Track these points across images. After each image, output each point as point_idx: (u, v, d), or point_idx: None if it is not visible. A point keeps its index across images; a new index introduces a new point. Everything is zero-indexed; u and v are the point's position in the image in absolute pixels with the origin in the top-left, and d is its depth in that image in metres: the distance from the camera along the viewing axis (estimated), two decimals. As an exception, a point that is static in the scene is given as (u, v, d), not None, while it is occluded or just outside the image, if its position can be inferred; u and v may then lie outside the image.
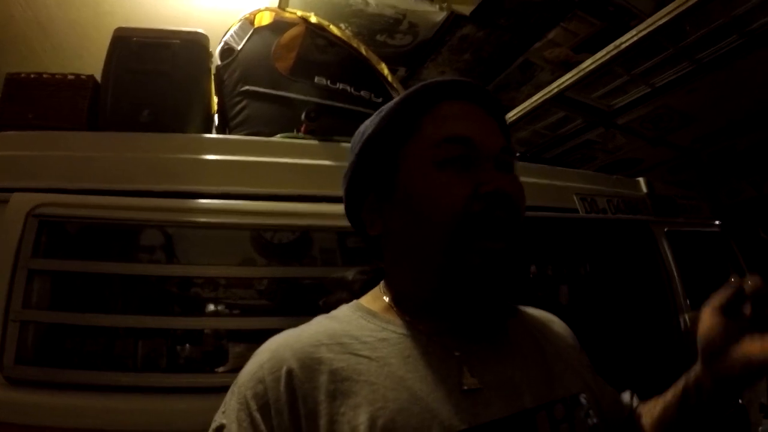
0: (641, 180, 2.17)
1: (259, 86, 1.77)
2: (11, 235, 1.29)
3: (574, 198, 1.88)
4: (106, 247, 1.40)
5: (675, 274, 2.02)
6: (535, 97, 2.23)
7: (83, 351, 1.28)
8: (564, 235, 1.82)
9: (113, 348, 1.31)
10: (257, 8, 1.91)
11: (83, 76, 1.67)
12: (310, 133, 1.65)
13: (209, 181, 1.45)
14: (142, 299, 1.38)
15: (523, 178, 1.82)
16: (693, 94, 2.37)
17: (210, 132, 1.82)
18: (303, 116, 1.61)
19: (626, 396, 0.84)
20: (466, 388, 0.62)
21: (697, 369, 0.65)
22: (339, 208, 0.84)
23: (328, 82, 1.85)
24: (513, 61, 2.52)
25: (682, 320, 1.94)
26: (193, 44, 1.70)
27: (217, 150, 1.52)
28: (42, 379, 1.21)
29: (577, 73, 2.06)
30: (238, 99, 1.76)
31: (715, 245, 2.38)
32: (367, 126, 0.77)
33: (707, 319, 0.62)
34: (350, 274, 0.86)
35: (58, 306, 1.33)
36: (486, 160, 0.67)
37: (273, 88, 1.78)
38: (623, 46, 1.97)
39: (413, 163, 0.68)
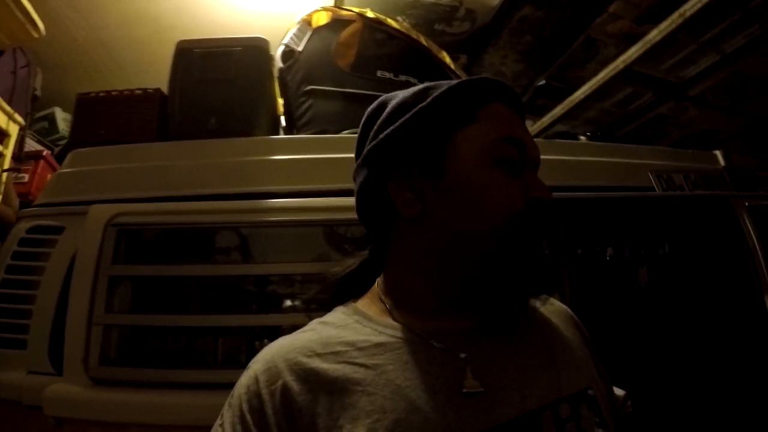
0: (718, 153, 2.03)
1: (323, 85, 1.77)
2: (92, 244, 1.34)
3: (650, 175, 1.79)
4: (184, 251, 1.43)
5: (759, 251, 1.90)
6: (600, 74, 2.12)
7: (165, 350, 1.32)
8: (640, 214, 1.73)
9: (194, 346, 1.33)
10: (314, 9, 1.91)
11: (150, 90, 1.74)
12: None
13: (278, 181, 1.46)
14: (221, 298, 1.41)
15: (594, 158, 1.75)
16: (766, 58, 2.21)
17: (278, 133, 1.83)
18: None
19: (619, 391, 0.81)
20: (465, 390, 0.59)
21: None
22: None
23: (391, 75, 1.83)
24: (575, 39, 2.43)
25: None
26: (255, 49, 1.73)
27: (285, 150, 1.54)
28: (124, 379, 1.26)
29: (643, 46, 1.94)
30: (302, 99, 1.77)
31: None
32: (403, 100, 0.72)
33: None
34: (338, 269, 0.81)
35: (141, 308, 1.37)
36: (531, 167, 0.69)
37: (336, 86, 1.78)
38: (688, 14, 1.84)
39: (469, 153, 0.66)
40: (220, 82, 1.66)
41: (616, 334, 1.39)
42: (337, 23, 1.89)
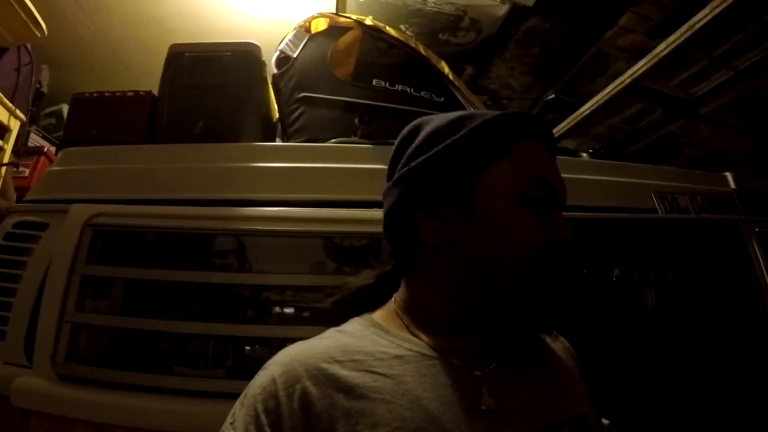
0: (728, 175, 1.93)
1: (316, 92, 1.75)
2: (68, 242, 1.36)
3: (653, 197, 1.71)
4: (170, 255, 1.43)
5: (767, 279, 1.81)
6: (607, 89, 2.06)
7: (154, 351, 1.32)
8: (641, 237, 1.66)
9: (185, 348, 1.33)
10: (312, 15, 1.89)
11: (142, 93, 1.74)
12: (367, 137, 1.60)
13: (259, 188, 1.44)
14: (211, 304, 1.39)
15: (593, 176, 1.68)
16: None
17: (272, 140, 1.81)
18: (356, 120, 1.57)
19: (605, 421, 0.84)
20: (483, 408, 0.61)
21: None
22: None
23: (387, 85, 1.79)
24: (585, 52, 2.36)
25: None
26: (245, 55, 1.70)
27: (268, 157, 1.51)
28: (90, 377, 1.27)
29: (651, 60, 1.88)
30: (295, 106, 1.75)
31: None
32: (438, 127, 0.74)
33: None
34: (355, 280, 0.83)
35: (133, 309, 1.37)
36: (557, 206, 0.70)
37: (330, 94, 1.75)
38: (697, 26, 1.77)
39: (497, 189, 0.68)
40: (209, 87, 1.64)
41: (617, 355, 1.38)
42: (334, 30, 1.86)
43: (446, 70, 1.88)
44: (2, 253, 1.45)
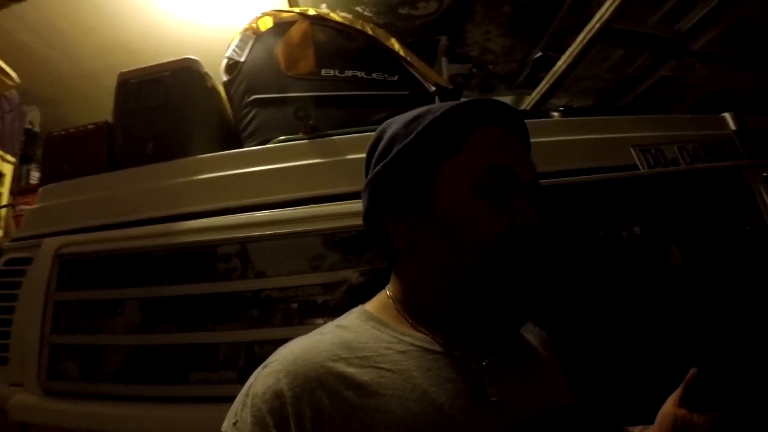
0: (727, 116, 1.73)
1: (266, 93, 1.73)
2: (41, 273, 1.49)
3: (632, 151, 1.57)
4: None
5: None
6: (577, 39, 1.91)
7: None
8: (619, 196, 1.52)
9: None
10: (256, 16, 1.86)
11: (100, 123, 1.77)
12: (313, 130, 1.55)
13: (204, 199, 1.48)
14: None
15: (560, 137, 1.57)
16: None
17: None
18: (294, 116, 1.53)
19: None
20: (493, 399, 0.63)
21: None
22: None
23: (336, 72, 1.75)
24: (561, 3, 2.22)
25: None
26: (183, 71, 1.72)
27: (212, 168, 1.53)
28: (71, 391, 1.40)
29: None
30: (246, 110, 1.74)
31: None
32: (396, 131, 0.75)
33: (670, 406, 0.76)
34: (353, 276, 0.86)
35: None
36: (521, 191, 0.69)
37: (280, 92, 1.72)
38: None
39: (454, 184, 0.69)
40: (153, 109, 1.68)
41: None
42: (280, 27, 1.83)
43: (396, 47, 1.81)
44: (-1, 288, 1.57)
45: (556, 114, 1.78)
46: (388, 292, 0.76)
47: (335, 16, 1.83)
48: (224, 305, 1.39)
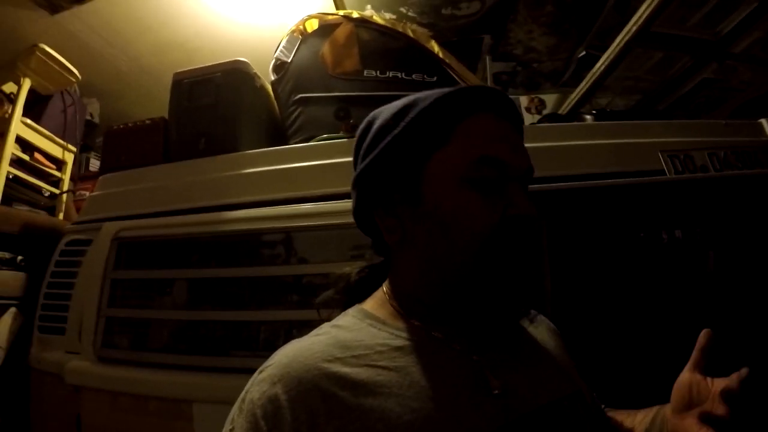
0: (765, 122, 1.69)
1: (311, 92, 1.81)
2: (101, 254, 1.64)
3: (660, 156, 1.57)
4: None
5: None
6: (615, 42, 1.91)
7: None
8: (646, 201, 1.53)
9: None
10: (303, 18, 1.95)
11: (156, 119, 1.90)
12: (353, 129, 1.63)
13: (246, 192, 1.57)
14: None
15: (583, 141, 1.59)
16: None
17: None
18: (334, 116, 1.62)
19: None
20: (496, 392, 0.61)
21: (667, 413, 0.68)
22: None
23: (378, 73, 1.83)
24: (604, 3, 2.22)
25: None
26: (233, 72, 1.81)
27: (257, 163, 1.62)
28: (121, 358, 1.54)
29: (654, 1, 1.71)
30: (292, 108, 1.83)
31: None
32: (384, 122, 0.72)
33: (685, 373, 0.66)
34: (349, 270, 0.83)
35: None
36: (515, 182, 0.67)
37: (324, 91, 1.81)
38: None
39: (443, 177, 0.66)
40: (205, 108, 1.78)
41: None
42: (325, 29, 1.91)
43: (436, 48, 1.88)
44: (59, 266, 1.74)
45: (588, 117, 1.80)
46: (384, 289, 0.74)
47: (378, 19, 1.90)
48: (266, 288, 1.48)
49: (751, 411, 0.58)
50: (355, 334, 0.66)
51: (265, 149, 1.68)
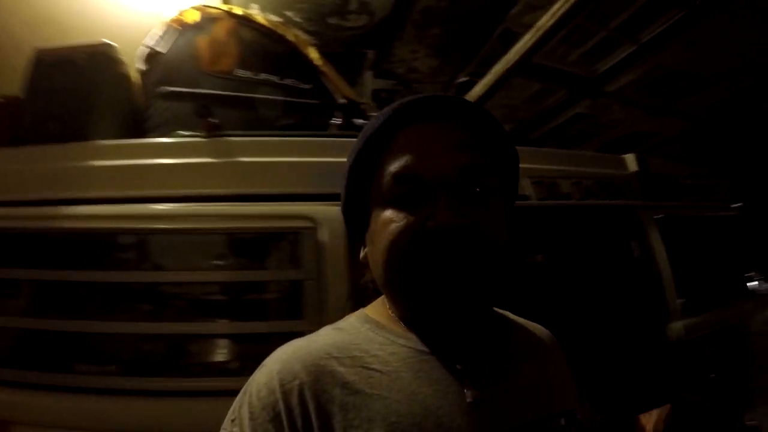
0: (630, 157, 1.81)
1: (181, 86, 1.73)
2: None
3: (526, 182, 1.63)
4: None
5: (665, 268, 1.71)
6: (494, 69, 1.95)
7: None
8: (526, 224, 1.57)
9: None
10: (183, 8, 1.87)
11: (9, 97, 1.76)
12: (214, 129, 1.57)
13: (97, 186, 1.47)
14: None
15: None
16: (692, 49, 1.95)
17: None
18: (194, 113, 1.54)
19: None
20: (470, 400, 0.63)
21: None
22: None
23: (251, 74, 1.77)
24: (491, 32, 2.27)
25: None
26: (96, 56, 1.71)
27: (111, 155, 1.52)
28: None
29: (536, 33, 1.76)
30: (157, 101, 1.74)
31: (734, 232, 1.97)
32: (347, 163, 0.76)
33: None
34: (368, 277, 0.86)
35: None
36: (441, 191, 0.65)
37: (194, 87, 1.73)
38: None
39: (373, 200, 0.70)
40: (63, 90, 1.66)
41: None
42: (205, 22, 1.84)
43: (315, 56, 1.84)
44: None
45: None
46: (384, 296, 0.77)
47: (261, 19, 1.85)
48: (114, 297, 1.39)
49: None
50: (352, 337, 0.69)
51: (120, 141, 1.59)
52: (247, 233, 1.44)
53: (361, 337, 0.69)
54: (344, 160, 0.75)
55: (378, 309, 0.75)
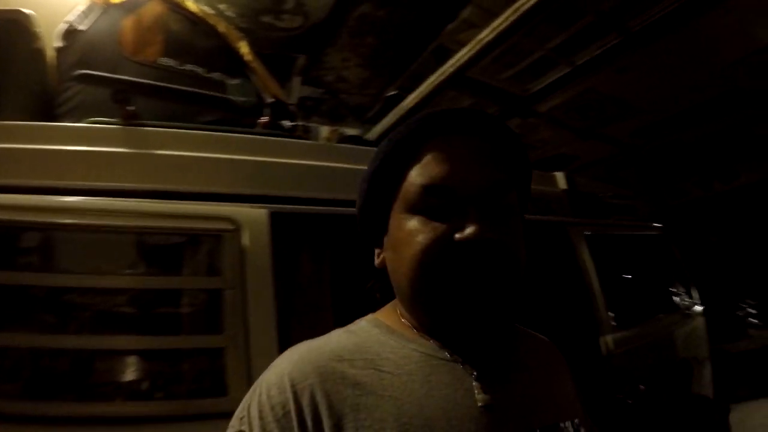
0: (559, 175, 1.88)
1: (98, 69, 1.64)
2: None
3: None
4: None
5: (594, 282, 1.78)
6: (430, 79, 1.97)
7: None
8: None
9: None
10: (109, -15, 1.77)
11: None
12: (131, 117, 1.48)
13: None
14: None
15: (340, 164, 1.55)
16: (623, 75, 2.05)
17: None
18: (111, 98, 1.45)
19: None
20: (481, 404, 0.64)
21: None
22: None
23: (176, 64, 1.70)
24: (425, 47, 2.28)
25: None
26: (8, 24, 1.58)
27: (5, 138, 1.34)
28: None
29: (475, 46, 1.78)
30: (72, 83, 1.64)
31: (656, 250, 2.10)
32: (364, 175, 0.77)
33: None
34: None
35: None
36: (469, 205, 0.66)
37: (114, 72, 1.64)
38: (524, 7, 1.65)
39: (399, 207, 0.70)
40: (-32, 57, 1.51)
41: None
42: (132, 2, 1.75)
43: (245, 51, 1.80)
44: None
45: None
46: (396, 300, 0.77)
47: (192, 6, 1.78)
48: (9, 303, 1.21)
49: None
50: (364, 341, 0.70)
51: (24, 122, 1.47)
52: (162, 233, 1.32)
53: (372, 340, 0.70)
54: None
55: (389, 314, 0.76)
